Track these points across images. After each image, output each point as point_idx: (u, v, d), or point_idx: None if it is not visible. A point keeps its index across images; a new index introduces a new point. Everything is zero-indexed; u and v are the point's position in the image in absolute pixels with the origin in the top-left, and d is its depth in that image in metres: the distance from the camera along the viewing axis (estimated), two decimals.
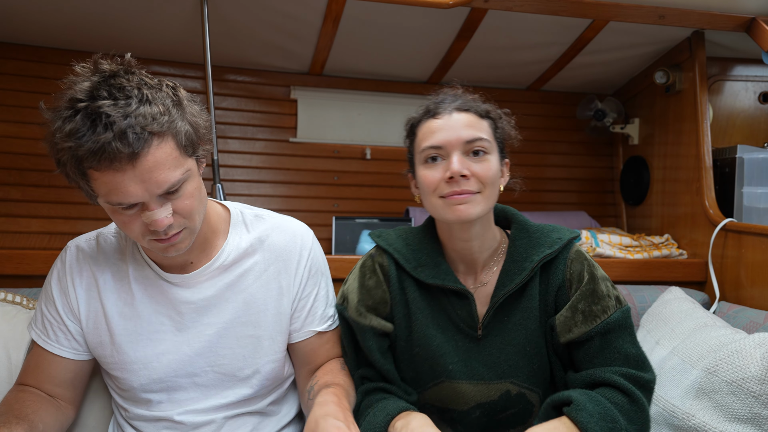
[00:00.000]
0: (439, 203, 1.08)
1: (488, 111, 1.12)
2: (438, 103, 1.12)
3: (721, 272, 1.92)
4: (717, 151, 2.16)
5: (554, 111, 2.69)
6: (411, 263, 1.16)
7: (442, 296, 1.16)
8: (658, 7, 1.89)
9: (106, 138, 0.88)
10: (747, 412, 1.19)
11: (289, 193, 2.43)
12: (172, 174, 0.95)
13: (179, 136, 0.97)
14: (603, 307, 1.09)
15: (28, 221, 2.10)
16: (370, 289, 1.17)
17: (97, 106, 0.90)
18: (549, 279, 1.14)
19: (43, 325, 1.16)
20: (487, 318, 1.13)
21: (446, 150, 1.07)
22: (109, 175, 0.92)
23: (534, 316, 1.13)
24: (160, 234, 0.99)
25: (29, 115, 2.12)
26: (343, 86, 2.47)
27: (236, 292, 1.15)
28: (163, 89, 0.97)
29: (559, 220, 2.44)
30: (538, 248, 1.13)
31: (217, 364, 1.15)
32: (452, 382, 1.13)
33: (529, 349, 1.13)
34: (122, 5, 1.85)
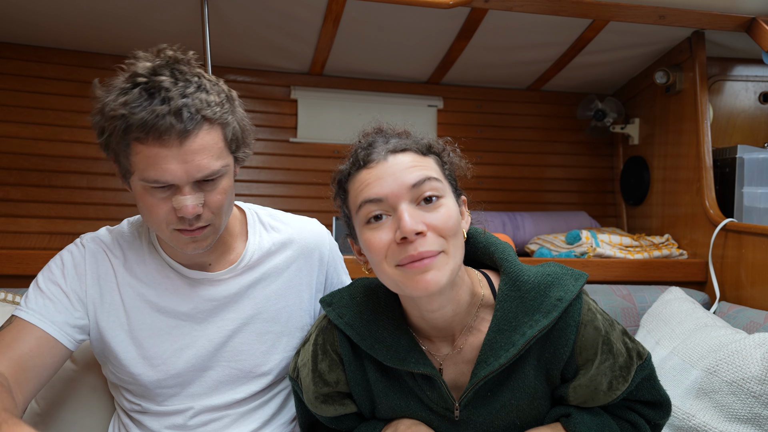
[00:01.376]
0: (396, 274, 0.84)
1: (430, 146, 0.90)
2: (367, 147, 0.88)
3: (721, 272, 1.92)
4: (717, 151, 2.16)
5: (554, 111, 2.69)
6: (366, 340, 0.94)
7: (407, 376, 0.95)
8: (658, 7, 1.89)
9: (161, 110, 0.90)
10: (747, 412, 1.19)
11: (289, 193, 2.43)
12: (214, 163, 0.97)
13: (227, 129, 0.99)
14: (624, 376, 0.93)
15: (28, 221, 2.10)
16: (324, 375, 0.98)
17: (158, 80, 0.93)
18: (554, 350, 0.92)
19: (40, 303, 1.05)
20: (466, 398, 0.93)
21: (390, 202, 0.83)
22: (154, 149, 0.92)
23: (527, 394, 0.93)
24: (185, 223, 0.98)
25: (29, 116, 2.12)
26: (344, 86, 2.47)
27: (259, 289, 1.17)
28: (219, 85, 1.01)
29: (560, 221, 2.44)
30: (533, 315, 0.89)
31: (234, 360, 1.15)
32: None
33: (519, 423, 0.96)
34: (122, 5, 1.85)
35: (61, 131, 2.15)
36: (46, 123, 2.13)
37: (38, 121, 2.13)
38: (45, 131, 2.13)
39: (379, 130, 0.93)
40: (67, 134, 2.15)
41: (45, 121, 2.13)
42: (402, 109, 2.49)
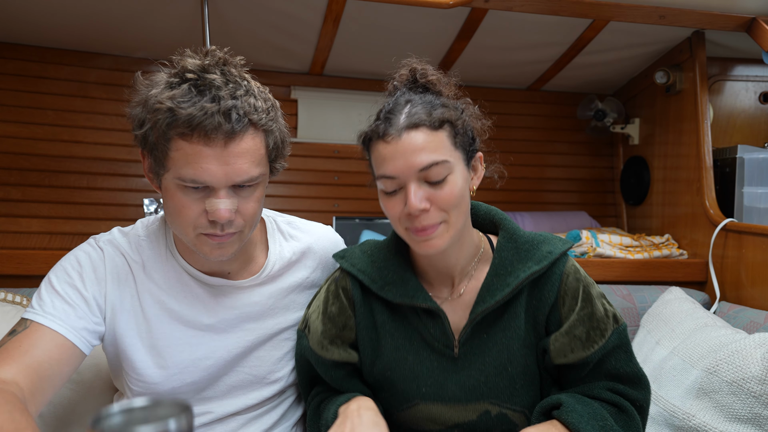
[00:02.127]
0: (406, 235, 1.00)
1: (443, 118, 0.96)
2: (389, 116, 0.97)
3: (721, 272, 1.92)
4: (717, 151, 2.16)
5: (554, 111, 2.69)
6: (377, 283, 1.06)
7: (412, 315, 1.06)
8: (658, 7, 1.89)
9: (211, 108, 0.88)
10: (747, 412, 1.19)
11: (290, 193, 2.43)
12: (254, 169, 0.95)
13: (270, 137, 0.99)
14: (601, 330, 1.01)
15: (28, 221, 2.10)
16: (334, 317, 1.08)
17: (209, 79, 0.91)
18: (541, 296, 1.03)
19: (57, 307, 0.99)
20: (465, 335, 1.03)
21: (401, 180, 0.95)
22: (197, 146, 0.90)
23: (518, 336, 1.03)
24: (216, 228, 0.95)
25: (29, 116, 2.12)
26: (344, 86, 2.47)
27: (279, 298, 1.15)
28: (266, 93, 1.02)
29: (560, 220, 2.44)
30: (526, 262, 1.02)
31: (249, 366, 1.13)
32: (426, 404, 1.06)
33: (510, 369, 1.03)
34: (122, 5, 1.85)
35: (61, 131, 2.15)
36: (47, 123, 2.13)
37: (38, 121, 2.13)
38: (45, 131, 2.13)
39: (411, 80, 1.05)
40: (67, 134, 2.16)
41: (45, 121, 2.13)
42: None
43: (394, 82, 1.07)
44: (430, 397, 1.05)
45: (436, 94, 1.02)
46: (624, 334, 1.03)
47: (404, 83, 1.05)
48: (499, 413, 1.04)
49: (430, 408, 1.05)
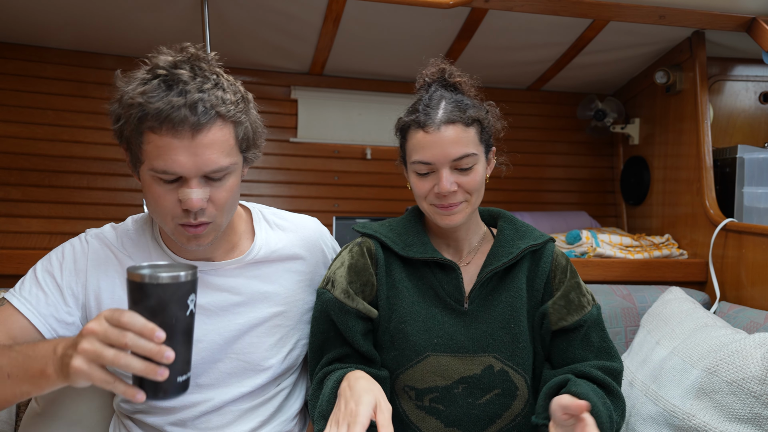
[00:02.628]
0: (429, 209, 1.17)
1: (475, 117, 1.14)
2: (427, 109, 1.14)
3: (721, 272, 1.92)
4: (717, 151, 2.16)
5: (554, 111, 2.69)
6: (398, 245, 1.21)
7: (428, 273, 1.21)
8: (658, 7, 1.89)
9: (178, 102, 0.93)
10: (747, 412, 1.19)
11: (290, 193, 2.43)
12: (223, 159, 0.99)
13: (239, 128, 1.02)
14: (587, 299, 1.21)
15: (28, 221, 2.10)
16: (359, 272, 1.20)
17: (177, 74, 0.95)
18: (538, 267, 1.22)
19: (32, 293, 1.08)
20: (474, 292, 1.19)
21: (435, 166, 1.13)
22: (166, 139, 0.95)
23: (520, 297, 1.19)
24: (189, 217, 1.00)
25: (29, 116, 2.12)
26: (344, 86, 2.47)
27: (268, 284, 1.19)
28: (237, 85, 1.05)
29: (560, 220, 2.44)
30: (524, 239, 1.23)
31: (243, 352, 1.16)
32: (437, 355, 1.16)
33: (513, 326, 1.18)
34: (122, 5, 1.85)
35: (61, 131, 2.15)
36: (46, 123, 2.13)
37: (38, 121, 2.13)
38: (45, 131, 2.13)
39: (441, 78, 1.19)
40: (67, 134, 2.16)
41: (45, 121, 2.13)
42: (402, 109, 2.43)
43: (425, 78, 1.21)
44: (440, 349, 1.16)
45: (462, 94, 1.18)
46: (600, 311, 1.23)
47: (435, 80, 1.20)
48: (501, 370, 1.16)
49: (439, 360, 1.16)
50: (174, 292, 0.79)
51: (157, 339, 0.76)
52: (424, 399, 1.17)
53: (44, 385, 0.91)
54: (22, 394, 0.94)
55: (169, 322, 0.79)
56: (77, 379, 0.83)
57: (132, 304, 0.79)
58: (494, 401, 1.16)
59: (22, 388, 0.93)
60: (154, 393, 0.81)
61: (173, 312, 0.79)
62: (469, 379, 1.16)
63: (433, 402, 1.16)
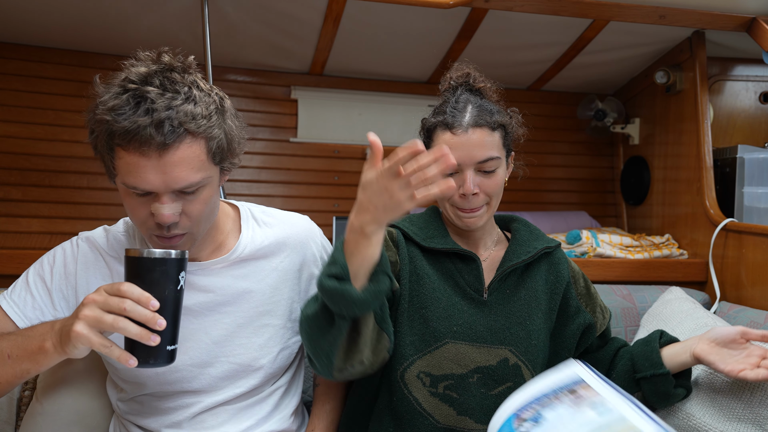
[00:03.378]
0: (451, 210, 1.21)
1: (500, 122, 1.19)
2: (455, 111, 1.17)
3: (721, 272, 1.92)
4: (717, 151, 2.16)
5: (555, 111, 2.69)
6: (420, 236, 1.25)
7: (449, 263, 1.24)
8: (658, 7, 1.89)
9: (143, 122, 0.92)
10: (748, 412, 1.19)
11: (290, 193, 2.43)
12: (193, 175, 0.98)
13: (212, 142, 1.00)
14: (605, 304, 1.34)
15: (28, 221, 2.10)
16: (386, 250, 1.17)
17: (145, 90, 0.94)
18: (558, 273, 1.28)
19: (21, 297, 1.11)
20: (493, 285, 1.22)
21: (461, 167, 1.15)
22: (134, 157, 0.94)
23: (538, 297, 1.24)
24: (162, 230, 1.00)
25: (29, 116, 2.12)
26: (344, 86, 2.47)
27: (253, 283, 1.18)
28: (211, 95, 1.01)
29: (560, 220, 2.44)
30: (539, 241, 1.28)
31: (233, 354, 1.15)
32: (455, 343, 1.17)
33: (529, 323, 1.21)
34: (122, 5, 1.85)
35: (62, 131, 2.15)
36: (47, 123, 2.13)
37: (38, 121, 2.13)
38: (45, 131, 2.13)
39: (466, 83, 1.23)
40: (67, 134, 2.16)
41: (45, 121, 2.13)
42: (402, 109, 2.49)
43: (451, 81, 1.24)
44: (459, 336, 1.18)
45: (486, 99, 1.23)
46: None
47: (461, 84, 1.23)
48: (515, 364, 1.19)
49: (458, 347, 1.17)
50: (166, 267, 0.89)
51: (152, 307, 0.86)
52: (439, 386, 1.17)
53: (42, 360, 0.97)
54: (23, 372, 0.99)
55: (161, 294, 0.88)
56: (77, 343, 0.89)
57: (129, 278, 0.89)
58: (505, 394, 1.14)
59: (22, 366, 0.98)
60: (145, 359, 0.89)
61: (165, 284, 0.89)
62: (485, 370, 1.17)
63: (447, 389, 1.17)
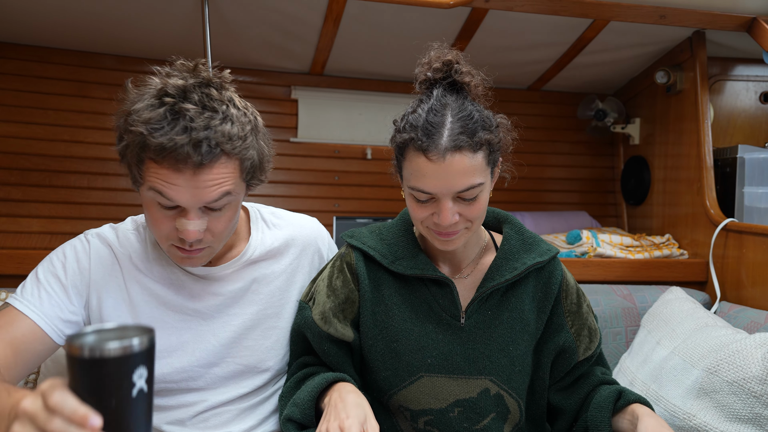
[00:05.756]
0: (426, 232, 1.06)
1: (483, 140, 0.99)
2: (430, 128, 0.98)
3: (722, 272, 1.92)
4: (718, 151, 2.16)
5: (555, 111, 2.69)
6: (387, 258, 1.12)
7: (421, 287, 1.12)
8: (658, 7, 1.89)
9: (182, 140, 0.90)
10: (748, 412, 1.19)
11: (290, 192, 2.43)
12: (224, 192, 0.97)
13: (246, 163, 1.00)
14: (597, 327, 1.19)
15: (29, 221, 2.10)
16: (336, 290, 1.13)
17: (184, 107, 0.91)
18: (547, 288, 1.14)
19: (35, 294, 1.07)
20: (472, 307, 1.10)
21: (437, 197, 1.00)
22: (166, 171, 0.93)
23: (522, 320, 1.11)
24: (185, 244, 1.00)
25: (30, 115, 2.12)
26: (344, 86, 2.47)
27: (262, 285, 1.18)
28: (248, 115, 1.01)
29: (560, 220, 2.44)
30: (530, 254, 1.13)
31: (240, 356, 1.16)
32: (431, 376, 1.08)
33: (512, 349, 1.10)
34: (123, 5, 1.85)
35: (62, 131, 2.15)
36: (47, 123, 2.13)
37: (39, 121, 2.13)
38: (46, 131, 2.13)
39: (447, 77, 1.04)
40: (67, 134, 2.16)
41: (46, 121, 2.13)
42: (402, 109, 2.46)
43: (428, 72, 1.05)
44: (434, 369, 1.08)
45: (469, 98, 1.05)
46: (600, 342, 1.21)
47: (439, 78, 1.05)
48: (497, 394, 1.09)
49: (434, 381, 1.08)
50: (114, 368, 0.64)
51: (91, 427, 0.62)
52: (419, 421, 1.10)
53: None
54: None
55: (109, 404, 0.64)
56: None
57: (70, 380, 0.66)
58: (491, 426, 1.09)
59: None
60: None
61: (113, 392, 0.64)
62: (465, 403, 1.08)
63: (428, 425, 1.09)
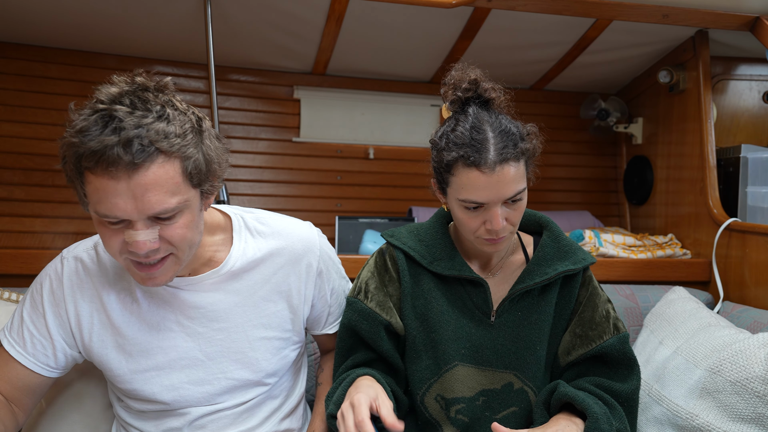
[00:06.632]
0: (475, 239, 1.15)
1: (524, 150, 1.11)
2: (476, 145, 1.06)
3: (725, 272, 1.92)
4: (721, 151, 2.15)
5: (557, 110, 2.69)
6: (426, 258, 1.21)
7: (458, 286, 1.21)
8: (661, 6, 1.88)
9: (110, 141, 0.85)
10: (751, 412, 1.19)
11: (292, 192, 2.43)
12: (168, 200, 0.90)
13: (188, 162, 0.92)
14: (599, 332, 1.18)
15: (32, 221, 2.11)
16: (386, 285, 1.22)
17: (113, 109, 0.88)
18: (569, 296, 1.22)
19: (20, 334, 1.09)
20: (503, 307, 1.19)
21: (487, 204, 1.09)
22: (103, 180, 0.87)
23: (548, 321, 1.20)
24: (139, 256, 0.93)
25: (33, 115, 2.12)
26: (346, 86, 2.47)
27: (246, 296, 1.14)
28: (188, 114, 0.94)
29: (563, 220, 2.44)
30: (564, 261, 1.20)
31: (229, 370, 1.13)
32: (464, 366, 1.17)
33: (539, 348, 1.18)
34: (125, 5, 1.86)
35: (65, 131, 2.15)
36: (50, 123, 2.14)
37: (42, 121, 2.13)
38: (48, 131, 2.14)
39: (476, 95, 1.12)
40: None
41: (48, 121, 2.14)
42: (405, 108, 2.49)
43: (457, 92, 1.12)
44: (467, 359, 1.18)
45: (496, 111, 1.13)
46: (625, 341, 1.18)
47: (470, 98, 1.13)
48: (521, 389, 1.18)
49: (466, 370, 1.18)
50: None
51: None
52: (451, 410, 1.17)
53: None
54: None
55: None
56: None
57: None
58: (510, 418, 1.17)
59: None
60: None
61: None
62: (489, 393, 1.17)
63: (459, 414, 1.17)
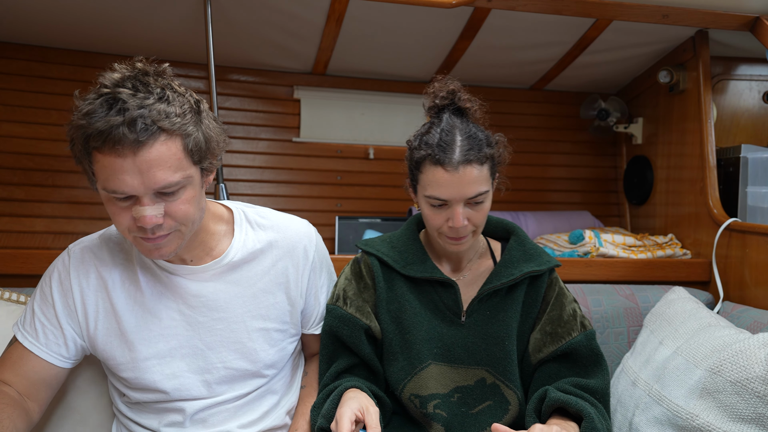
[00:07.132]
0: (440, 237, 1.25)
1: (488, 155, 1.20)
2: (444, 145, 1.17)
3: (725, 272, 1.92)
4: (721, 151, 2.15)
5: (557, 110, 2.69)
6: (399, 263, 1.30)
7: (429, 288, 1.30)
8: (661, 6, 1.88)
9: (116, 121, 0.92)
10: (751, 413, 1.19)
11: (292, 192, 2.44)
12: (172, 175, 0.97)
13: (188, 140, 0.99)
14: (567, 329, 1.27)
15: (32, 221, 2.11)
16: (362, 291, 1.29)
17: (117, 92, 0.94)
18: (535, 296, 1.30)
19: (32, 326, 1.14)
20: (472, 307, 1.28)
21: (450, 202, 1.19)
22: (110, 158, 0.94)
23: (515, 318, 1.28)
24: (146, 232, 1.00)
25: (33, 115, 2.13)
26: (346, 86, 2.47)
27: (245, 287, 1.18)
28: (186, 96, 1.02)
29: (563, 220, 2.44)
30: (529, 263, 1.30)
31: (228, 360, 1.16)
32: (437, 364, 1.25)
33: (507, 343, 1.26)
34: (126, 5, 1.86)
35: (65, 131, 2.15)
36: (50, 123, 2.14)
37: (42, 121, 2.13)
38: (49, 131, 2.14)
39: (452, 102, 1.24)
40: None
41: (49, 121, 2.14)
42: (405, 108, 2.49)
43: (435, 99, 1.26)
44: (439, 358, 1.25)
45: (471, 120, 1.24)
46: (591, 338, 1.28)
47: (446, 105, 1.25)
48: (493, 383, 1.25)
49: (439, 368, 1.25)
50: None
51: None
52: (428, 406, 1.23)
53: None
54: None
55: None
56: None
57: None
58: (486, 412, 1.24)
59: None
60: None
61: None
62: (463, 389, 1.25)
63: (436, 408, 1.23)
